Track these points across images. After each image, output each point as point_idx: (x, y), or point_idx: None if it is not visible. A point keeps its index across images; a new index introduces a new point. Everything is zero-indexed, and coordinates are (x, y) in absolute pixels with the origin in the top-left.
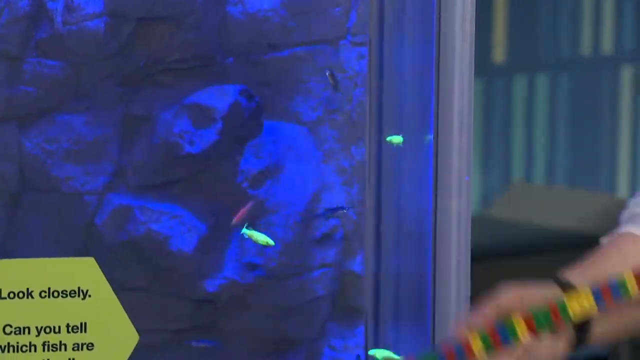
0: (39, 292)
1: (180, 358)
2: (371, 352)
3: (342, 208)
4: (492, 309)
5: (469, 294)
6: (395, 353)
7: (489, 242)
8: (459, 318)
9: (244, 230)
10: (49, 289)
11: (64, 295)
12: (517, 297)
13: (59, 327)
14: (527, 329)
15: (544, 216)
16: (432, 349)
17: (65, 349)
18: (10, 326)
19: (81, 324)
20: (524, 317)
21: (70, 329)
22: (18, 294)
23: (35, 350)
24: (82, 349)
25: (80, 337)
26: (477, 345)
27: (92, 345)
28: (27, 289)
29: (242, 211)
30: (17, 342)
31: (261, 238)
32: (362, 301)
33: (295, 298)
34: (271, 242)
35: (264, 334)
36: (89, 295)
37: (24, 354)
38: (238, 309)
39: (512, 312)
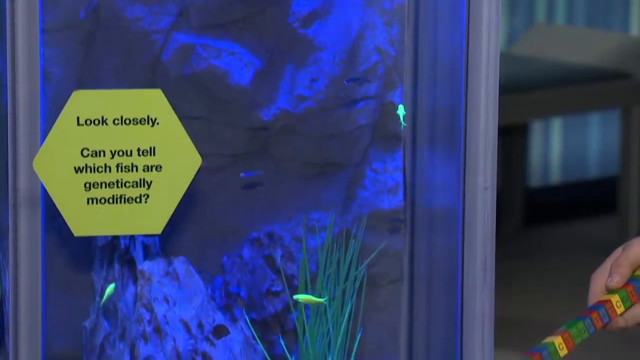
0: (112, 119)
1: (237, 179)
2: (295, 297)
3: (366, 80)
4: (623, 264)
5: (496, 123)
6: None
7: (514, 76)
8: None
9: (297, 297)
10: (121, 117)
11: (135, 123)
12: None
13: (131, 151)
14: None
15: (565, 53)
16: (578, 317)
17: (137, 170)
18: (87, 149)
19: (150, 148)
20: None
21: (140, 152)
22: (94, 121)
23: (109, 171)
24: (151, 170)
25: (149, 160)
26: (616, 301)
27: (160, 167)
28: (102, 117)
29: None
30: (94, 164)
31: (313, 299)
32: (400, 130)
33: (341, 127)
34: (322, 300)
35: (312, 159)
36: (157, 123)
37: (99, 174)
38: (289, 136)
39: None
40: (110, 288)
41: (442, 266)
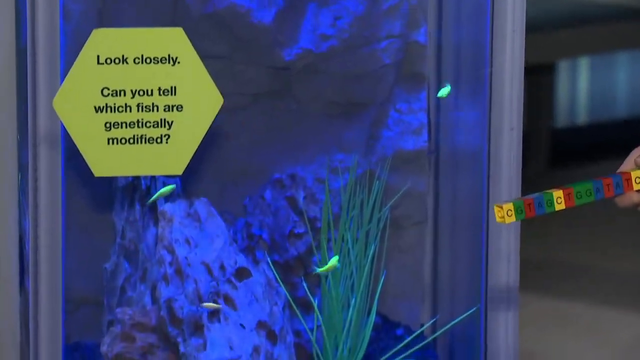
0: (133, 58)
1: (258, 119)
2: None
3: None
4: None
5: (522, 62)
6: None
7: (540, 14)
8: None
9: (319, 270)
10: (142, 55)
11: (156, 62)
12: None
13: (151, 91)
14: None
15: None
16: (590, 179)
17: (157, 110)
18: (108, 89)
19: (171, 87)
20: None
21: (161, 92)
22: (114, 60)
23: (130, 111)
24: (172, 110)
25: (170, 100)
26: (636, 176)
27: (181, 107)
28: (122, 56)
29: None
30: (114, 104)
31: (331, 263)
32: (425, 68)
33: (365, 66)
34: (335, 261)
35: (335, 99)
36: (178, 62)
37: (119, 114)
38: (312, 76)
39: None
40: (168, 188)
41: (467, 208)
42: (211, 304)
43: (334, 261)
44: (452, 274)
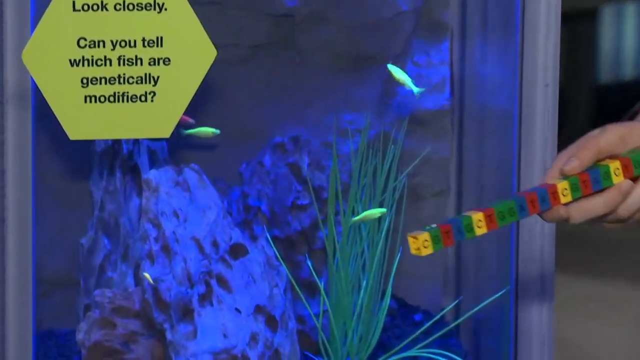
0: (113, 4)
1: (258, 73)
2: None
3: None
4: (590, 148)
5: (559, 7)
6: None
7: None
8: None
9: (354, 219)
10: (124, 1)
11: (139, 8)
12: (618, 137)
13: (134, 41)
14: (623, 172)
15: None
16: (511, 196)
17: (141, 64)
18: (85, 39)
19: (157, 38)
20: (620, 160)
21: (146, 43)
22: (92, 6)
23: (110, 65)
24: (158, 64)
25: (156, 52)
26: (563, 188)
27: (169, 60)
28: (101, 2)
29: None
30: (92, 56)
31: (371, 213)
32: (447, 17)
33: (378, 13)
34: (384, 210)
35: (344, 51)
36: (165, 9)
37: (98, 68)
38: (318, 24)
39: (610, 153)
40: (377, 211)
41: (495, 176)
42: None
43: (376, 212)
44: (478, 251)
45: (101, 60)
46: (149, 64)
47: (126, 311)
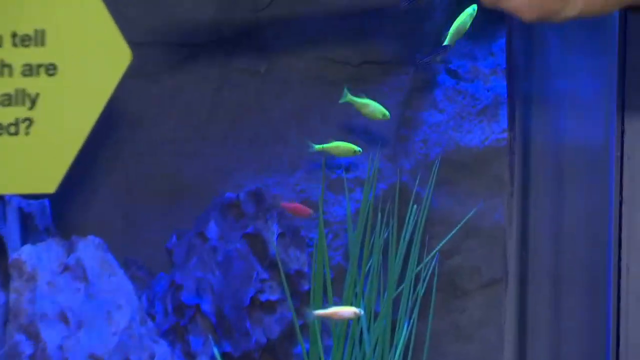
0: None
1: (193, 94)
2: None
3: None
4: None
5: None
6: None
7: None
8: None
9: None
10: None
11: None
12: None
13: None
14: None
15: None
16: None
17: (10, 74)
18: None
19: (36, 32)
20: None
21: (17, 40)
22: None
23: None
24: (37, 73)
25: (34, 54)
26: None
27: (54, 67)
28: None
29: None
30: None
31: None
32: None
33: None
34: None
35: (333, 55)
36: None
37: None
38: (290, 16)
39: None
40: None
41: (583, 249)
42: None
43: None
44: None
45: None
46: (23, 73)
47: None
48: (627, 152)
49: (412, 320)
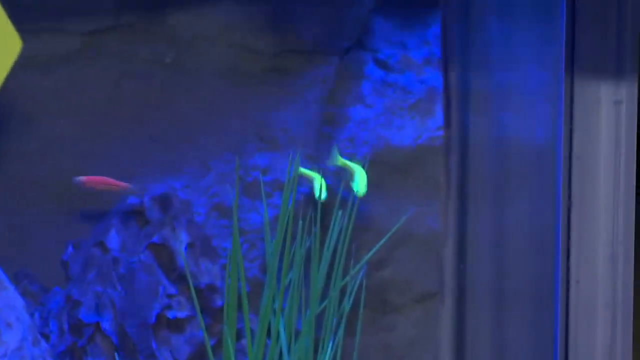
0: None
1: (96, 88)
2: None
3: None
4: None
5: None
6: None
7: None
8: None
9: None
10: None
11: None
12: None
13: None
14: None
15: None
16: None
17: None
18: None
19: None
20: None
21: None
22: None
23: None
24: None
25: None
26: None
27: None
28: None
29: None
30: None
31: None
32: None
33: None
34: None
35: (249, 44)
36: None
37: None
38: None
39: None
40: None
41: (521, 258)
42: None
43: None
44: None
45: None
46: None
47: None
48: (577, 152)
49: (337, 339)
